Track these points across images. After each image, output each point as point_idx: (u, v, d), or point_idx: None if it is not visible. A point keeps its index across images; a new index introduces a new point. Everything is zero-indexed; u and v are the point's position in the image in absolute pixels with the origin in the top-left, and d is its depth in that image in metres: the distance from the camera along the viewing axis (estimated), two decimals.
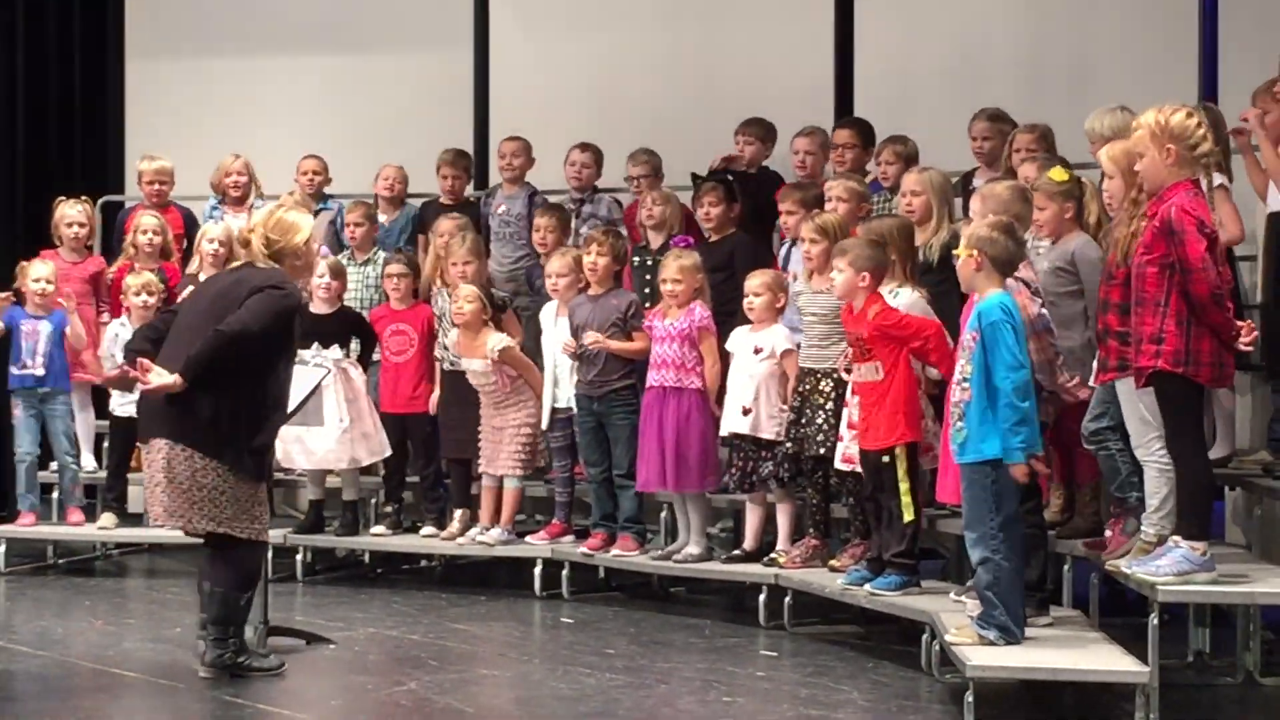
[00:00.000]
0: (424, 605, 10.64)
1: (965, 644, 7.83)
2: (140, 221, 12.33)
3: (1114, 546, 8.43)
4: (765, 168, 11.85)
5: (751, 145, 11.80)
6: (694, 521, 10.42)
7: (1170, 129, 7.66)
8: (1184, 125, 7.68)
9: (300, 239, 8.56)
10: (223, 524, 8.30)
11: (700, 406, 10.26)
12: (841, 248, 9.16)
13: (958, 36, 12.48)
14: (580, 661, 8.97)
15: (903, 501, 8.92)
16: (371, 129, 13.71)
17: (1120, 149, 8.24)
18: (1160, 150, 7.66)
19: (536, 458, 11.15)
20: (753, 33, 13.08)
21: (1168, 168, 7.66)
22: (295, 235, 8.56)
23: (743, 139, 11.83)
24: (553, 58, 13.72)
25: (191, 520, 8.29)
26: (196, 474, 8.22)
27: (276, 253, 8.50)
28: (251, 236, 8.56)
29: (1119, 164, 8.23)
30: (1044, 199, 8.83)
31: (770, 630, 9.76)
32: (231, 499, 8.28)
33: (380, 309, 11.82)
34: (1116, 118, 9.31)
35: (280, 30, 14.25)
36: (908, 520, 8.95)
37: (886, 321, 8.90)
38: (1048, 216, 8.82)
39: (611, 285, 10.74)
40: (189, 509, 8.26)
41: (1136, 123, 7.84)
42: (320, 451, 11.33)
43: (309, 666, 8.99)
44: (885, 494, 9.02)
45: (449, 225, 11.76)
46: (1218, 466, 9.08)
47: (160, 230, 12.30)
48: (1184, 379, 7.61)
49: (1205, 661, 8.72)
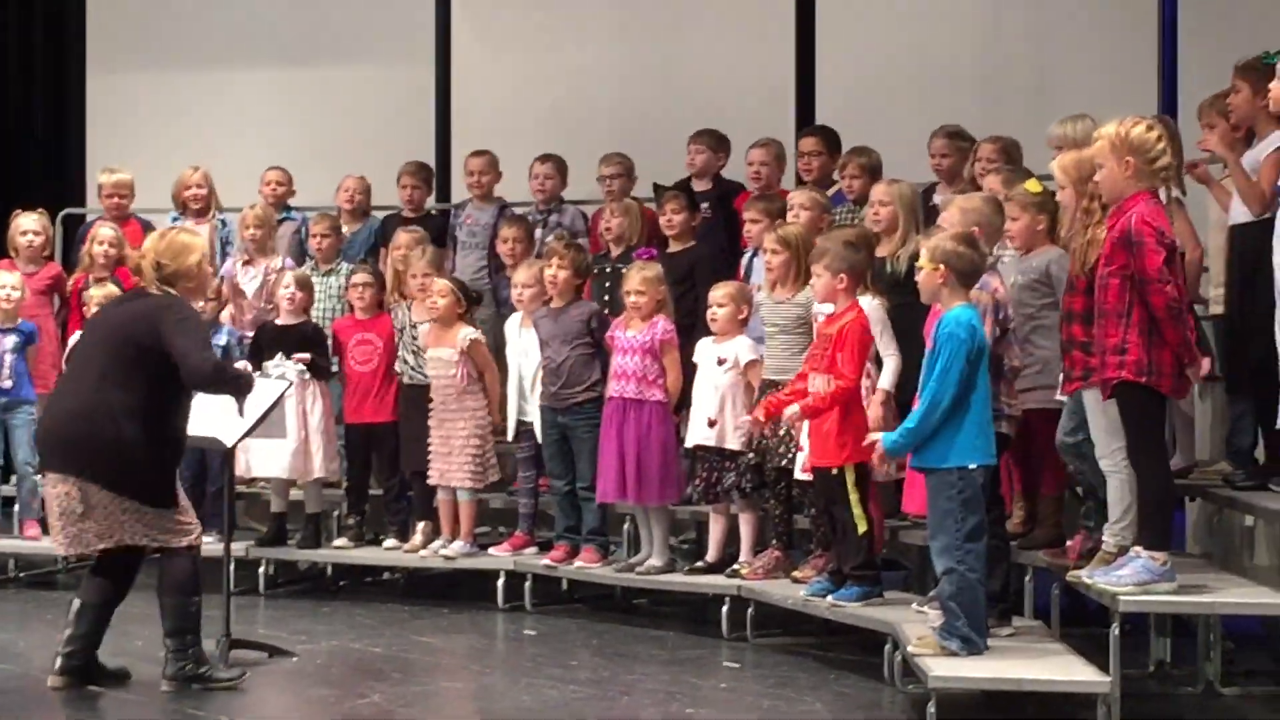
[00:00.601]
0: (386, 618, 10.62)
1: (927, 655, 7.84)
2: (97, 233, 12.32)
3: (1073, 557, 8.48)
4: (722, 176, 11.87)
5: (703, 155, 11.80)
6: (657, 533, 10.42)
7: (1130, 141, 7.69)
8: (1143, 138, 7.70)
9: (193, 261, 8.50)
10: (156, 538, 8.34)
11: (661, 418, 10.27)
12: (819, 250, 9.16)
13: (918, 49, 12.54)
14: (543, 674, 8.97)
15: (855, 514, 8.93)
16: (334, 142, 13.73)
17: (1070, 159, 8.29)
18: (1119, 162, 7.69)
19: (488, 471, 11.12)
20: (713, 45, 13.14)
21: (1126, 179, 7.68)
22: (188, 257, 8.50)
23: (694, 148, 11.83)
24: (514, 70, 13.76)
25: (122, 538, 8.28)
26: (113, 502, 8.23)
27: (169, 276, 8.44)
28: (143, 262, 8.51)
29: (1070, 174, 8.28)
30: (1017, 209, 8.85)
31: (733, 642, 9.76)
32: (156, 517, 8.31)
33: (345, 319, 11.81)
34: (1084, 125, 9.35)
35: (242, 43, 14.25)
36: (861, 532, 8.97)
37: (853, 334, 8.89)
38: (1019, 228, 8.83)
39: (573, 297, 10.75)
40: (118, 530, 8.26)
41: (1096, 134, 7.87)
42: (270, 461, 11.34)
43: (271, 679, 8.96)
44: (838, 506, 9.03)
45: (406, 239, 11.79)
46: (1178, 477, 9.11)
47: (116, 242, 12.26)
48: (1147, 389, 7.64)
49: (1166, 671, 8.76)
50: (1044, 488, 9.16)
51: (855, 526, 8.94)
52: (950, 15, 12.53)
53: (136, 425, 8.19)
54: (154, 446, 8.26)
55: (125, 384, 8.21)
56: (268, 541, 11.65)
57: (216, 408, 9.31)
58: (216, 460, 11.09)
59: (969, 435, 7.84)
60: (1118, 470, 8.04)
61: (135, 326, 8.29)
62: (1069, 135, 9.47)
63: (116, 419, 8.17)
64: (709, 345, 10.13)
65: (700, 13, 13.23)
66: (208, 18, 14.35)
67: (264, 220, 12.26)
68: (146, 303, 8.41)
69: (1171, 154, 7.83)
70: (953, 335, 7.81)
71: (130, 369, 8.23)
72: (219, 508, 10.58)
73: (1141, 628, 8.70)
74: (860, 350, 8.91)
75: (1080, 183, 8.12)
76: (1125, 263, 7.59)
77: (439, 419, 11.09)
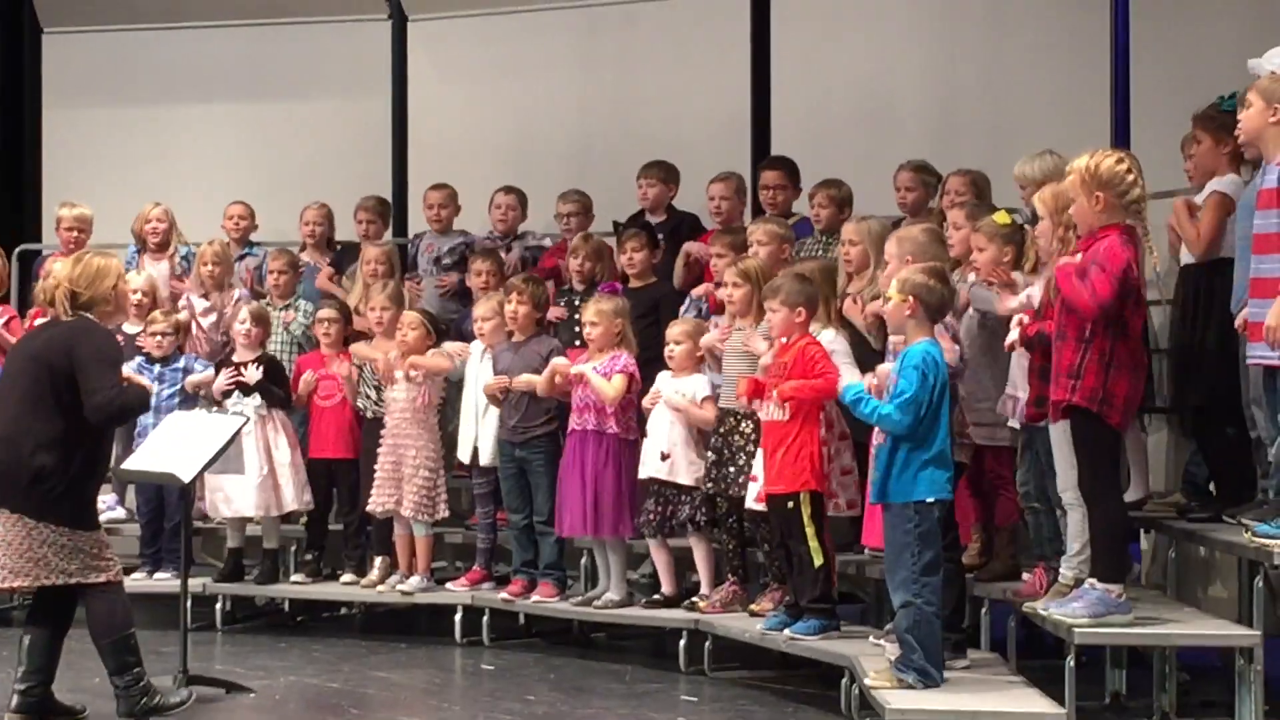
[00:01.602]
0: (344, 653, 10.61)
1: (885, 688, 7.87)
2: (51, 268, 12.23)
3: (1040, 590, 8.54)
4: (674, 207, 11.90)
5: (654, 188, 11.84)
6: (614, 567, 10.43)
7: (1099, 175, 7.73)
8: (1113, 171, 7.74)
9: (108, 284, 8.47)
10: (73, 576, 8.26)
11: (618, 452, 10.28)
12: (772, 288, 9.18)
13: (872, 83, 12.57)
14: (501, 708, 8.96)
15: (810, 547, 8.96)
16: (291, 176, 13.71)
17: (1050, 191, 8.32)
18: (1089, 197, 7.74)
19: (437, 505, 11.09)
20: (669, 78, 13.16)
21: (1097, 214, 7.74)
22: (104, 282, 8.47)
23: (645, 182, 11.87)
24: (470, 104, 13.77)
25: (39, 578, 8.23)
26: (31, 533, 8.19)
27: (86, 303, 8.41)
28: (57, 292, 8.47)
29: (1048, 205, 8.29)
30: (984, 240, 8.86)
31: (691, 675, 9.77)
32: (73, 551, 8.24)
33: (310, 355, 11.81)
34: (1046, 161, 9.42)
35: (199, 78, 14.23)
36: (818, 565, 8.99)
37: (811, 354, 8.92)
38: (985, 259, 8.84)
39: (534, 332, 10.76)
40: (34, 567, 8.21)
41: (1070, 167, 7.91)
42: (239, 499, 11.33)
43: (228, 716, 8.95)
44: (793, 540, 9.05)
45: (375, 253, 11.93)
46: (1133, 509, 9.17)
47: None
48: (1099, 419, 7.69)
49: (1122, 703, 8.78)
50: (998, 518, 9.21)
51: (812, 560, 8.97)
52: (905, 49, 12.57)
53: (56, 454, 8.16)
54: (74, 474, 8.22)
55: (45, 413, 8.19)
56: (225, 577, 11.63)
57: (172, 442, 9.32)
58: (173, 495, 11.09)
59: (928, 470, 7.89)
60: (1078, 503, 8.08)
61: (52, 355, 8.27)
62: (1029, 175, 9.51)
63: (36, 448, 8.14)
64: (666, 380, 10.15)
65: (656, 46, 13.25)
66: (163, 54, 14.32)
67: (222, 257, 12.25)
68: (61, 329, 8.38)
69: (1141, 187, 7.88)
70: (915, 368, 7.84)
71: (49, 397, 8.20)
72: (176, 543, 10.61)
73: (1097, 659, 8.72)
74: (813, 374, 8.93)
75: (1057, 213, 8.16)
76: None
77: (390, 445, 11.08)
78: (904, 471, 7.90)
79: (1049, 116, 11.72)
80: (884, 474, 7.96)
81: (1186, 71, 11.23)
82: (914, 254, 8.63)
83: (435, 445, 11.06)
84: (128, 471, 10.33)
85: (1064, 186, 7.99)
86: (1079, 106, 11.79)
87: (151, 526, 11.72)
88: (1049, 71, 12.01)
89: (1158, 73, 11.59)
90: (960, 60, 12.39)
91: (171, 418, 9.99)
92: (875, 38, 12.64)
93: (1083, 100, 11.83)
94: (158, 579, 11.55)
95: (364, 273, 11.94)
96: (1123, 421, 7.81)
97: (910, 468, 7.89)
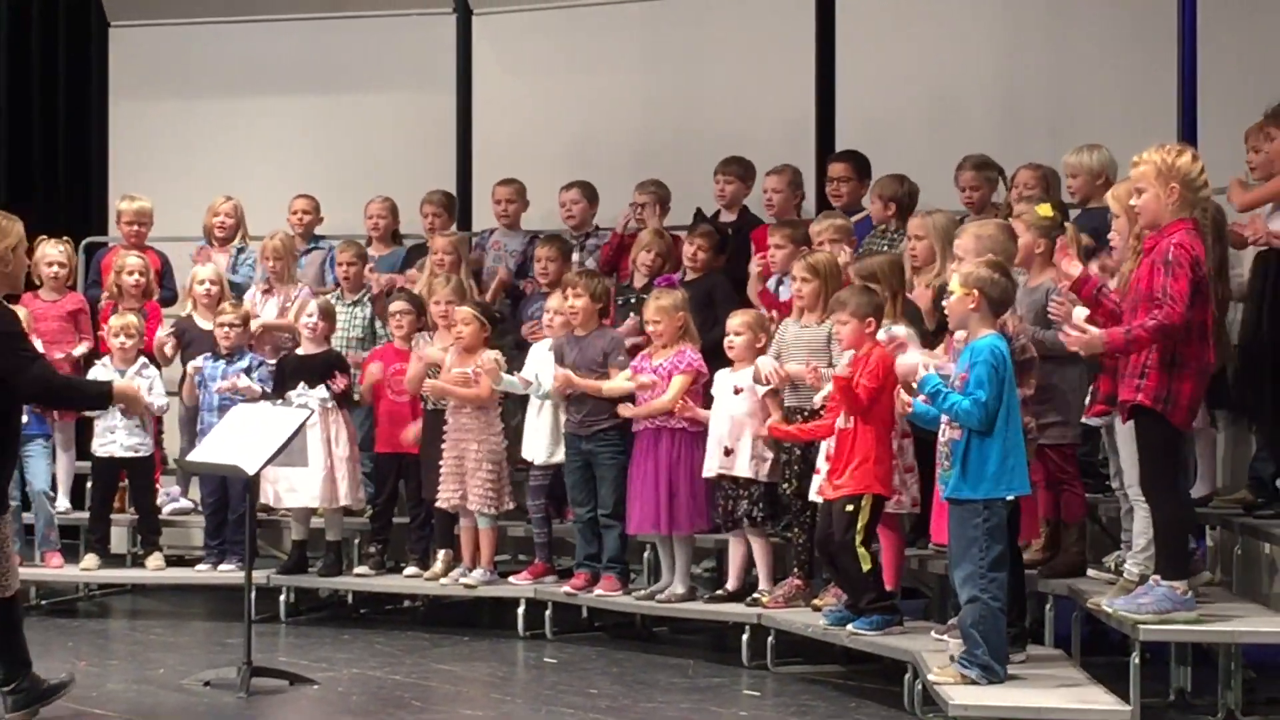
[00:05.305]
0: (407, 645, 10.63)
1: (948, 683, 7.85)
2: (125, 262, 12.28)
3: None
4: (747, 208, 11.89)
5: (732, 184, 11.84)
6: (679, 561, 10.42)
7: (1176, 169, 7.75)
8: (1189, 167, 7.78)
9: (5, 245, 8.13)
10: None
11: (690, 446, 10.28)
12: (839, 300, 9.18)
13: (937, 78, 12.52)
14: (563, 701, 8.97)
15: (858, 554, 8.94)
16: (356, 170, 13.73)
17: (1124, 189, 8.27)
18: (1165, 188, 7.73)
19: (503, 496, 11.10)
20: (734, 73, 13.13)
21: (1169, 206, 7.72)
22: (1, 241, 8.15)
23: (723, 178, 11.86)
24: (535, 99, 13.76)
25: None
26: None
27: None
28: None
29: (1122, 203, 8.25)
30: (1022, 227, 8.87)
31: (753, 670, 9.77)
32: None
33: (384, 348, 11.82)
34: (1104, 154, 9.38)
35: (264, 71, 14.27)
36: (865, 570, 8.97)
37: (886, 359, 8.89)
38: (1019, 245, 8.82)
39: (596, 325, 10.75)
40: None
41: (1140, 158, 7.88)
42: (304, 489, 11.35)
43: (293, 707, 8.99)
44: (835, 545, 9.02)
45: (443, 243, 11.90)
46: (1199, 505, 9.12)
47: (144, 270, 12.27)
48: (1162, 418, 7.65)
49: (1187, 700, 8.73)
50: (1066, 515, 9.16)
51: (859, 566, 8.96)
52: (969, 45, 12.51)
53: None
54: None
55: None
56: (289, 569, 11.67)
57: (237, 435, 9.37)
58: (238, 487, 11.12)
59: (997, 466, 7.86)
60: (1143, 500, 8.05)
61: None
62: (1083, 164, 9.48)
63: None
64: (726, 375, 10.13)
65: (721, 41, 13.22)
66: (229, 47, 14.37)
67: (285, 250, 12.30)
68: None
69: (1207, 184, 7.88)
70: (983, 363, 7.81)
71: None
72: (240, 535, 10.64)
73: (1162, 657, 8.68)
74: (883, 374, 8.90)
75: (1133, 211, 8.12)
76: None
77: (453, 440, 11.08)
78: (980, 467, 7.87)
79: (1114, 110, 11.66)
80: (959, 470, 7.93)
81: (1256, 65, 11.16)
82: (993, 250, 8.56)
83: (497, 438, 11.06)
84: (193, 463, 10.40)
85: (1134, 179, 7.94)
86: (1145, 100, 11.72)
87: (216, 518, 11.77)
88: (1115, 65, 11.94)
89: (1226, 66, 11.50)
90: (1025, 53, 12.33)
91: (236, 410, 10.06)
92: (940, 32, 12.58)
93: (1150, 95, 11.75)
94: (222, 571, 11.61)
95: (431, 263, 11.91)
96: (1185, 421, 7.78)
97: (986, 463, 7.86)
